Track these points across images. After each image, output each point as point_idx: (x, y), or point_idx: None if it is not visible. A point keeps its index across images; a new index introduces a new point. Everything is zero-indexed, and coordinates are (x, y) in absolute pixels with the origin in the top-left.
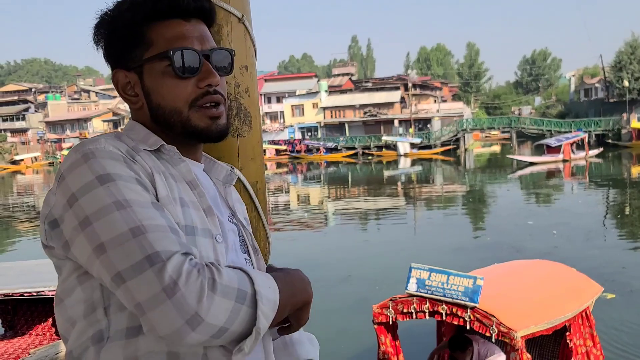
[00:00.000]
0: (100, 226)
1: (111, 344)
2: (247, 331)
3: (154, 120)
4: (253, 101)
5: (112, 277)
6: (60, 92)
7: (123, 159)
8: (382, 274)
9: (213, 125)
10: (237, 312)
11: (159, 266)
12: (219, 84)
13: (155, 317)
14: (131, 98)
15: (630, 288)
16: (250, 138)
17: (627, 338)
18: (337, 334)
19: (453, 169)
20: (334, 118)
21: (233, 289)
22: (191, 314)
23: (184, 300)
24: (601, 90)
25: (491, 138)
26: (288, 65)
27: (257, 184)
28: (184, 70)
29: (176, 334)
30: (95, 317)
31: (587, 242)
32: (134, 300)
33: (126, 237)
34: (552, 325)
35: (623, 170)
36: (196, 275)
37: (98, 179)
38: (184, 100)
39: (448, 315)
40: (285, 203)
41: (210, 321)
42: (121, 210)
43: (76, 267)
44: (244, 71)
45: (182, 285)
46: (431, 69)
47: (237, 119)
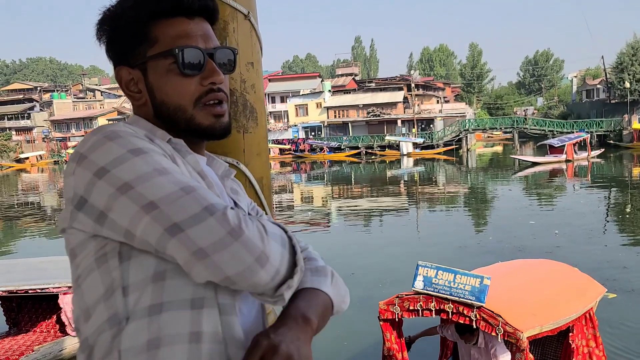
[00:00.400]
0: (145, 188)
1: (132, 324)
2: (289, 275)
3: (157, 117)
4: (259, 97)
5: (167, 228)
6: (66, 91)
7: (147, 138)
8: (385, 272)
9: (217, 123)
10: (284, 255)
11: (219, 214)
12: (223, 82)
13: (223, 258)
14: (134, 95)
15: (631, 287)
16: (256, 134)
17: (628, 337)
18: (340, 331)
19: (455, 168)
20: (337, 118)
21: (278, 235)
22: (259, 252)
23: (250, 241)
24: (603, 92)
25: (493, 138)
26: (292, 65)
27: (262, 179)
28: (188, 68)
29: (247, 272)
30: (113, 299)
31: (589, 242)
32: (194, 247)
33: (179, 194)
34: (557, 326)
35: (624, 171)
36: (251, 221)
37: (131, 152)
38: (188, 98)
39: (454, 314)
40: (289, 202)
41: (273, 261)
42: (164, 175)
43: (97, 249)
44: (250, 68)
45: (245, 228)
46: (434, 69)
47: (242, 115)
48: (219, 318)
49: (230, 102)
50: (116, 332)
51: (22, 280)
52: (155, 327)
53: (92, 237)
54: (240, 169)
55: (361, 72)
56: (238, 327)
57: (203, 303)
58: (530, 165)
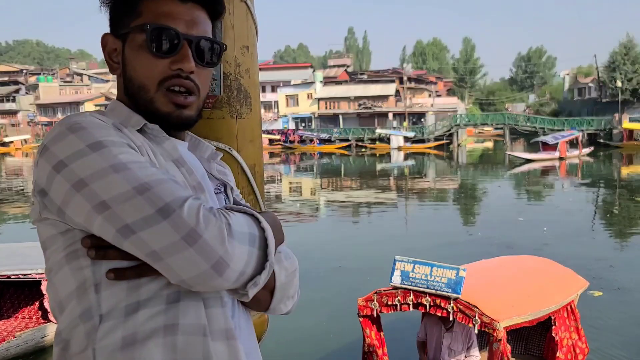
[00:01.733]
0: (99, 187)
1: (107, 323)
2: (257, 272)
3: (126, 93)
4: (253, 82)
5: (119, 229)
6: (52, 75)
7: (113, 127)
8: (372, 265)
9: (175, 113)
10: (251, 255)
11: (174, 216)
12: (193, 70)
13: (176, 263)
14: (114, 64)
15: (617, 286)
16: (250, 120)
17: (613, 334)
18: (326, 324)
19: (446, 164)
20: (328, 109)
21: (245, 233)
22: (216, 258)
23: (207, 246)
24: (594, 90)
25: (484, 134)
26: (284, 55)
27: (255, 166)
28: (158, 48)
29: (201, 278)
30: (85, 296)
31: (577, 240)
32: (147, 249)
33: (131, 194)
34: (536, 317)
35: (613, 170)
36: (214, 220)
37: (90, 147)
38: (153, 79)
39: (432, 307)
40: (278, 193)
41: (234, 266)
42: (120, 172)
43: (66, 245)
44: (245, 51)
45: (202, 231)
46: (427, 63)
47: (236, 100)
48: (203, 311)
49: (224, 86)
50: (90, 328)
51: (4, 266)
52: (131, 324)
53: (61, 233)
54: (233, 155)
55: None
56: (221, 318)
57: (179, 297)
58: (524, 162)
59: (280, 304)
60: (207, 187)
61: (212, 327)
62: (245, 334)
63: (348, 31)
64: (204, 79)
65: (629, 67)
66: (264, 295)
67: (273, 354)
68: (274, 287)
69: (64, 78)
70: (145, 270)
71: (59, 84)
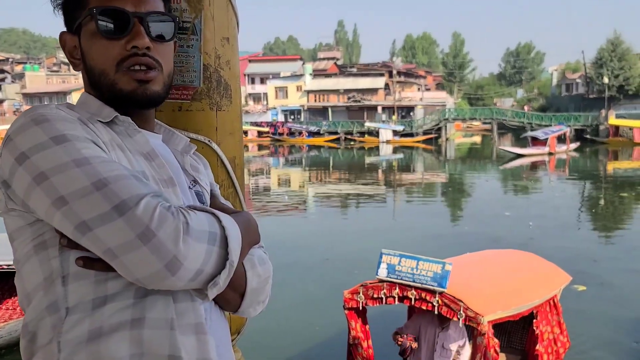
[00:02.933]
0: (58, 181)
1: (74, 316)
2: (218, 271)
3: (91, 85)
4: (234, 74)
5: (76, 226)
6: (39, 64)
7: (78, 121)
8: (359, 258)
9: (140, 89)
10: (210, 253)
11: (129, 213)
12: (149, 47)
13: (130, 261)
14: (75, 61)
15: (601, 281)
16: (230, 112)
17: (595, 328)
18: (312, 316)
19: (434, 158)
20: (317, 102)
21: (205, 231)
22: (169, 258)
23: (161, 244)
24: (582, 86)
25: (472, 129)
26: (273, 47)
27: (235, 159)
28: (108, 30)
29: (154, 277)
30: (52, 288)
31: (562, 235)
32: (103, 246)
33: (89, 190)
34: (519, 311)
35: (599, 166)
36: (171, 219)
37: (53, 140)
38: (110, 62)
39: (417, 300)
40: (266, 186)
41: (189, 265)
42: (81, 167)
43: (35, 236)
44: (225, 43)
45: (157, 229)
46: (416, 57)
47: (216, 92)
48: (172, 305)
49: (204, 78)
50: (56, 320)
51: None
52: (98, 317)
53: (29, 225)
54: (212, 147)
55: (343, 57)
56: (191, 313)
57: (148, 291)
58: (515, 156)
59: (249, 307)
60: (179, 181)
61: (181, 322)
62: (217, 328)
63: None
64: (163, 54)
65: (616, 63)
66: (234, 298)
67: (257, 345)
68: (245, 292)
69: (51, 67)
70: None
71: (46, 73)
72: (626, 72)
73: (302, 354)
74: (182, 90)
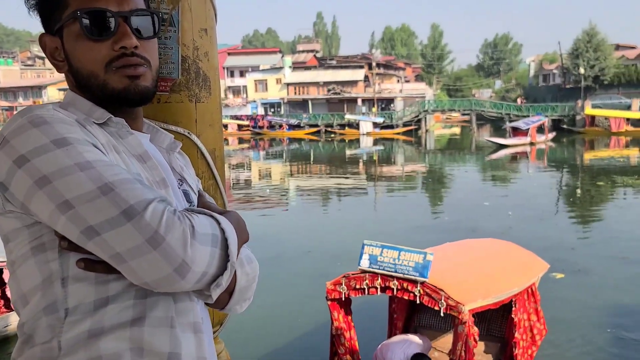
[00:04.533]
0: (62, 185)
1: (74, 317)
2: (220, 272)
3: (78, 87)
4: (212, 66)
5: (82, 230)
6: (13, 58)
7: (77, 123)
8: (342, 250)
9: (132, 85)
10: (213, 256)
11: (138, 218)
12: (137, 45)
13: (139, 265)
14: (59, 63)
15: (578, 268)
16: (209, 104)
17: (572, 315)
18: (295, 309)
19: (414, 149)
20: (297, 94)
21: (208, 234)
22: (179, 262)
23: (171, 249)
24: (559, 77)
25: (451, 120)
26: (252, 40)
27: (215, 151)
28: (95, 32)
29: (164, 281)
30: (51, 289)
31: (540, 224)
32: (111, 251)
33: (95, 194)
34: (499, 299)
35: (576, 156)
36: (178, 223)
37: (54, 143)
38: (99, 63)
39: (399, 290)
40: (247, 179)
41: (196, 268)
42: (85, 171)
43: (32, 238)
44: (203, 34)
45: (165, 234)
46: (395, 49)
47: (195, 84)
48: (172, 305)
49: (183, 70)
50: (54, 321)
51: None
52: (99, 318)
53: (26, 226)
54: (192, 139)
55: (322, 49)
56: (190, 312)
57: (148, 292)
58: (499, 147)
59: (236, 305)
60: (170, 182)
61: (181, 320)
62: (207, 327)
63: (317, 16)
64: (150, 51)
65: (592, 54)
66: (223, 296)
67: (240, 337)
68: (234, 290)
69: (25, 61)
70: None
71: (20, 67)
72: (601, 62)
73: (285, 345)
74: (161, 82)
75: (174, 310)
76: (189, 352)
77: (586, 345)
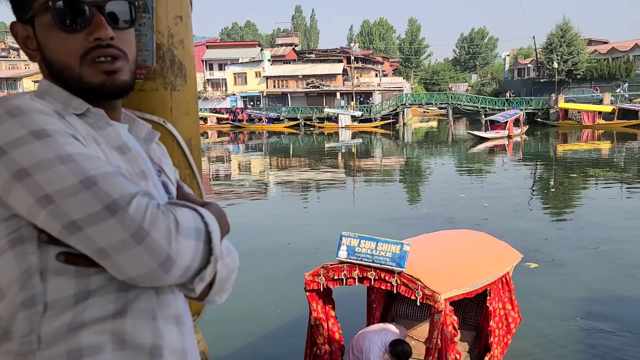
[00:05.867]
0: (42, 178)
1: (54, 310)
2: (203, 266)
3: (52, 77)
4: (188, 53)
5: (64, 225)
6: None
7: (56, 114)
8: (321, 242)
9: (109, 81)
10: (197, 249)
11: (122, 213)
12: (112, 37)
13: (123, 260)
14: (31, 52)
15: (551, 258)
16: (185, 92)
17: (545, 304)
18: (274, 300)
19: (392, 142)
20: (276, 88)
21: (192, 228)
22: (164, 257)
23: (155, 244)
24: (533, 71)
25: (429, 114)
26: (231, 33)
27: (191, 140)
28: (68, 22)
29: (149, 276)
30: (29, 283)
31: (515, 215)
32: (94, 246)
33: (77, 188)
34: (474, 288)
35: (550, 148)
36: (163, 218)
37: (33, 135)
38: (73, 55)
39: (376, 281)
40: (226, 172)
41: (181, 262)
42: (66, 164)
43: (10, 231)
44: (179, 21)
45: (150, 229)
46: (373, 43)
47: (170, 72)
48: (155, 297)
49: (157, 57)
50: (33, 315)
51: None
52: (79, 311)
53: (3, 219)
54: (167, 128)
55: (301, 43)
56: (172, 305)
57: (130, 285)
58: (479, 140)
59: (216, 296)
60: (150, 174)
61: (163, 312)
62: (189, 319)
63: (295, 9)
64: (126, 41)
65: (565, 49)
66: (203, 288)
67: (218, 328)
68: (214, 281)
69: None
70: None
71: None
72: (574, 57)
73: (264, 336)
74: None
75: (156, 303)
76: (171, 343)
77: (559, 333)
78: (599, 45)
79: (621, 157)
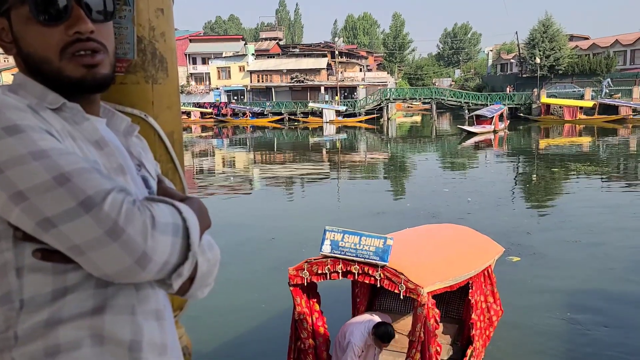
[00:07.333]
0: (15, 175)
1: (31, 307)
2: (181, 262)
3: (29, 71)
4: (169, 46)
5: (38, 222)
6: None
7: (29, 109)
8: (305, 237)
9: (89, 75)
10: (175, 245)
11: (96, 209)
12: (92, 30)
13: (98, 257)
14: (6, 45)
15: (533, 251)
16: (166, 85)
17: (527, 296)
18: (258, 295)
19: (376, 137)
20: (260, 82)
21: (169, 224)
22: (139, 253)
23: (131, 240)
24: (516, 66)
25: (413, 108)
26: (214, 26)
27: (173, 134)
28: (46, 16)
29: (125, 272)
30: (5, 280)
31: (497, 209)
32: (69, 243)
33: (51, 184)
34: (456, 282)
35: (532, 143)
36: (138, 214)
37: (5, 130)
38: (52, 49)
39: (360, 275)
40: (211, 167)
41: (157, 259)
42: (39, 160)
43: None
44: (160, 14)
45: (125, 225)
46: (357, 37)
47: (151, 65)
48: (134, 292)
49: (138, 50)
50: (10, 312)
51: None
52: (57, 307)
53: None
54: (149, 122)
55: (285, 37)
56: (152, 300)
57: (108, 282)
58: (467, 135)
59: (197, 291)
60: (128, 168)
61: (143, 308)
62: (169, 314)
63: (279, 3)
64: (106, 35)
65: (547, 44)
66: (184, 283)
67: (202, 323)
68: (195, 276)
69: None
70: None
71: None
72: (556, 52)
73: (248, 331)
74: (116, 63)
75: (136, 298)
76: (151, 339)
77: (540, 326)
78: (580, 41)
79: (601, 152)
